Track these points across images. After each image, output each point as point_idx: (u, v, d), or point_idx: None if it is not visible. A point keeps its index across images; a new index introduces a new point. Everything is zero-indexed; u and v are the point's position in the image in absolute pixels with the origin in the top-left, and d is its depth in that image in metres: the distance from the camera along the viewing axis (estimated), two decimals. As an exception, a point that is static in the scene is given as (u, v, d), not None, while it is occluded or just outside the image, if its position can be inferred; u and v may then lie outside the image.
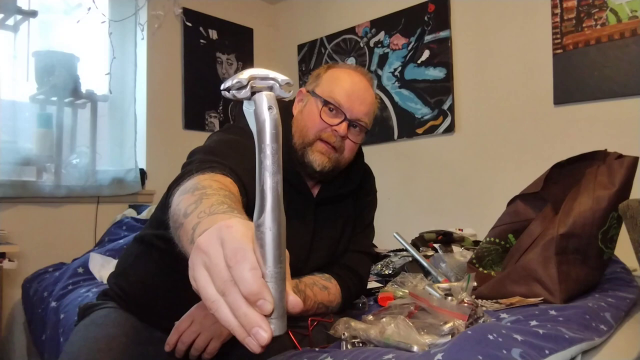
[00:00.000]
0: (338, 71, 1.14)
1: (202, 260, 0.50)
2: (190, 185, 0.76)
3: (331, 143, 1.08)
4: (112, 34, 2.50)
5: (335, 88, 1.10)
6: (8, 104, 2.20)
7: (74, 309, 1.57)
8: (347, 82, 1.11)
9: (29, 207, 2.21)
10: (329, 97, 1.09)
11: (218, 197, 0.71)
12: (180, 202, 0.71)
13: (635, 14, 1.86)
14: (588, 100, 1.98)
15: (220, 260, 0.48)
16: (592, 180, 1.17)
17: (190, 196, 0.71)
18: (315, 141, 1.08)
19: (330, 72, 1.15)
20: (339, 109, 1.08)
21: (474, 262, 1.35)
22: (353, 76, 1.12)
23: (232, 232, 0.50)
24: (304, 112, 1.12)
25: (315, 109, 1.09)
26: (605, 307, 1.03)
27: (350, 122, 1.09)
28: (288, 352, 0.92)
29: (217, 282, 0.48)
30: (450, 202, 2.40)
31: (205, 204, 0.67)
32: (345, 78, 1.11)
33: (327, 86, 1.11)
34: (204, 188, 0.74)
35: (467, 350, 0.73)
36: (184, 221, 0.66)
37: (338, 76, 1.12)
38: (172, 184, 0.88)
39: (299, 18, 3.12)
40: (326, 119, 1.08)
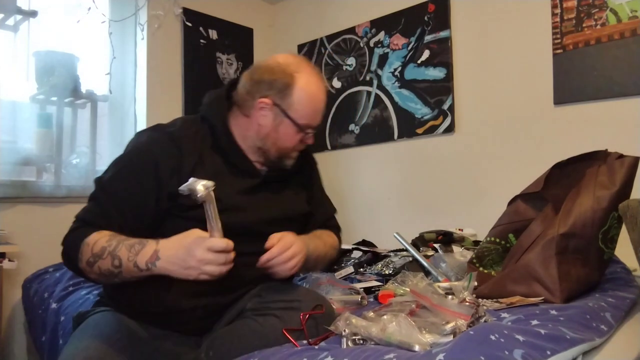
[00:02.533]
0: (309, 89, 1.20)
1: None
2: (97, 252, 1.02)
3: (301, 149, 1.27)
4: (112, 34, 2.50)
5: (310, 112, 1.21)
6: (8, 104, 2.20)
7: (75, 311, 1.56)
8: (317, 104, 1.23)
9: (29, 207, 2.21)
10: (304, 124, 1.21)
11: (122, 244, 1.01)
12: (102, 265, 1.01)
13: (635, 14, 1.86)
14: (588, 100, 1.98)
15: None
16: (592, 180, 1.17)
17: (108, 260, 1.00)
18: (290, 152, 1.25)
19: (299, 89, 1.18)
20: (311, 130, 1.24)
21: (475, 262, 1.35)
22: (319, 94, 1.23)
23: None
24: (280, 132, 1.20)
25: (292, 133, 1.21)
26: (606, 307, 1.03)
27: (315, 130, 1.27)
28: (287, 351, 0.92)
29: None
30: (450, 202, 2.40)
31: (124, 254, 1.00)
32: (315, 100, 1.22)
33: (301, 110, 1.19)
34: (108, 248, 1.02)
35: (469, 351, 0.73)
36: (122, 270, 1.00)
37: (309, 99, 1.20)
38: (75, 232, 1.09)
39: (299, 18, 3.12)
40: (302, 138, 1.24)
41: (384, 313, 1.00)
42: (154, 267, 0.98)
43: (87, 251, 1.02)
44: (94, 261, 1.01)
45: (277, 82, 1.18)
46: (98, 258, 1.01)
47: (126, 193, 1.11)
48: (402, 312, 0.99)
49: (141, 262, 0.98)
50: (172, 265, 0.97)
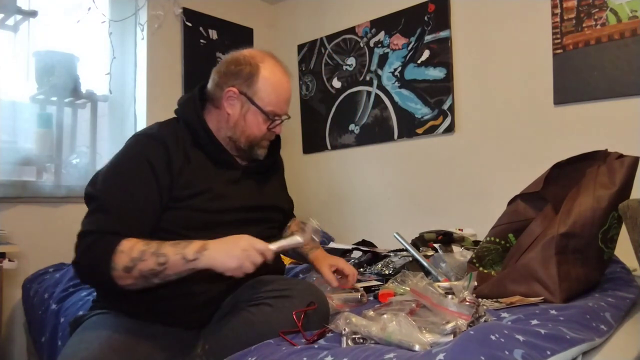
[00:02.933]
0: (272, 76, 1.28)
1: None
2: (136, 256, 1.03)
3: (271, 138, 1.33)
4: (112, 34, 2.50)
5: (275, 100, 1.27)
6: (8, 104, 2.20)
7: (75, 312, 1.57)
8: (282, 91, 1.29)
9: (29, 207, 2.21)
10: (270, 111, 1.27)
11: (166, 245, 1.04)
12: (144, 267, 1.02)
13: (635, 14, 1.86)
14: (588, 100, 1.98)
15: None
16: (592, 180, 1.17)
17: (151, 260, 1.02)
18: (261, 141, 1.30)
19: (264, 76, 1.27)
20: (278, 117, 1.30)
21: (475, 262, 1.35)
22: (284, 81, 1.30)
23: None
24: (248, 120, 1.27)
25: (260, 120, 1.27)
26: (606, 307, 1.03)
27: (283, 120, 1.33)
28: (286, 350, 0.92)
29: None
30: (450, 202, 2.40)
31: (170, 250, 1.03)
32: (279, 87, 1.28)
33: (266, 97, 1.26)
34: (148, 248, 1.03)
35: (469, 351, 0.73)
36: (167, 266, 1.02)
37: (276, 85, 1.27)
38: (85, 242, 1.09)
39: (299, 18, 3.12)
40: (270, 127, 1.29)
41: (384, 312, 1.00)
42: (201, 256, 1.02)
43: (122, 258, 1.02)
44: (133, 265, 1.02)
45: (242, 71, 1.26)
46: (138, 261, 1.02)
47: (133, 196, 1.12)
48: (402, 312, 0.99)
49: (190, 253, 1.02)
50: (218, 252, 1.02)
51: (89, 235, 1.08)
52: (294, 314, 1.01)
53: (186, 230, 1.13)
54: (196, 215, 1.16)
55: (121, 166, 1.18)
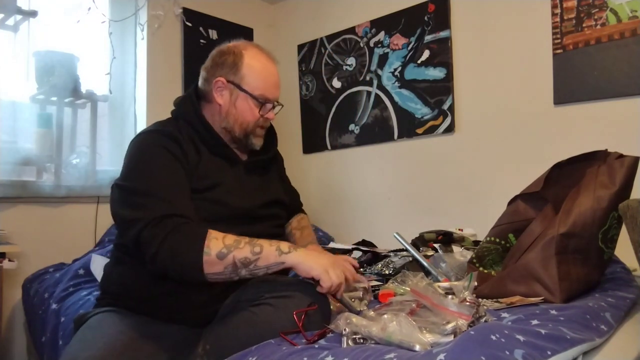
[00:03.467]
0: (257, 61, 1.30)
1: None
2: (230, 243, 1.05)
3: (265, 126, 1.34)
4: (112, 34, 2.50)
5: (262, 84, 1.29)
6: (8, 104, 2.20)
7: (75, 312, 1.57)
8: (268, 75, 1.30)
9: (29, 207, 2.21)
10: (259, 95, 1.28)
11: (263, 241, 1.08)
12: (238, 254, 1.04)
13: (635, 14, 1.86)
14: (588, 100, 1.98)
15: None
16: (592, 180, 1.17)
17: (246, 249, 1.05)
18: (255, 129, 1.31)
19: (249, 61, 1.29)
20: (269, 101, 1.31)
21: (475, 262, 1.35)
22: (269, 66, 1.31)
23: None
24: (238, 107, 1.29)
25: (251, 105, 1.28)
26: (606, 307, 1.03)
27: (274, 106, 1.34)
28: (287, 350, 0.92)
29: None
30: (450, 202, 2.40)
31: (265, 243, 1.07)
32: (265, 71, 1.30)
33: (253, 82, 1.28)
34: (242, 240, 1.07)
35: (470, 351, 0.73)
36: (260, 256, 1.05)
37: (261, 69, 1.30)
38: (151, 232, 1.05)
39: (299, 18, 3.12)
40: (262, 112, 1.30)
41: (384, 312, 1.00)
42: (294, 250, 1.06)
43: (216, 244, 1.03)
44: (228, 251, 1.03)
45: (227, 61, 1.30)
46: (233, 248, 1.04)
47: (171, 178, 1.13)
48: (403, 311, 0.99)
49: (285, 246, 1.06)
50: (307, 255, 1.07)
51: (163, 220, 1.04)
52: (295, 314, 1.01)
53: (205, 222, 1.13)
54: (214, 208, 1.19)
55: (145, 157, 1.17)
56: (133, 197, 1.10)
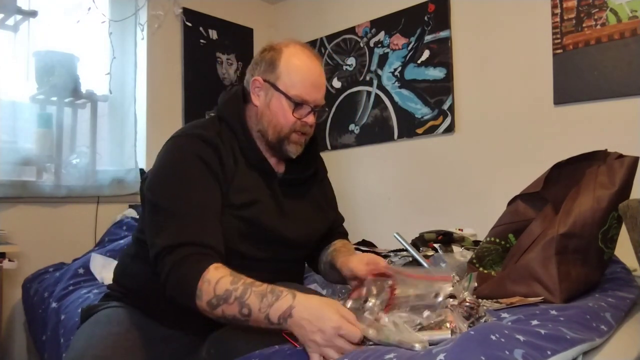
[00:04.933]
0: (295, 59, 1.17)
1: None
2: (221, 294, 0.93)
3: (304, 132, 1.19)
4: (112, 34, 2.50)
5: (298, 83, 1.15)
6: (8, 104, 2.20)
7: (75, 310, 1.57)
8: (308, 74, 1.16)
9: (29, 207, 2.21)
10: (295, 95, 1.14)
11: (255, 292, 0.92)
12: (228, 310, 0.93)
13: (635, 14, 1.86)
14: (588, 100, 1.98)
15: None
16: (592, 180, 1.17)
17: (235, 307, 0.92)
18: (290, 134, 1.17)
19: (287, 58, 1.16)
20: (305, 103, 1.16)
21: (474, 262, 1.35)
22: (310, 64, 1.17)
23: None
24: (272, 108, 1.16)
25: (285, 106, 1.15)
26: (606, 307, 1.03)
27: (315, 110, 1.19)
28: (288, 351, 0.92)
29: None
30: (450, 202, 2.40)
31: (255, 303, 0.91)
32: (304, 69, 1.16)
33: (289, 80, 1.15)
34: (237, 291, 0.93)
35: (469, 351, 0.73)
36: (250, 319, 0.92)
37: (297, 67, 1.16)
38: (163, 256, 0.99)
39: (299, 18, 3.12)
40: (297, 115, 1.16)
41: (365, 298, 1.00)
42: (285, 323, 0.90)
43: (208, 290, 0.93)
44: (218, 304, 0.93)
45: (265, 58, 1.18)
46: (223, 302, 0.92)
47: (201, 196, 1.05)
48: (381, 293, 0.98)
49: (274, 317, 0.90)
50: (301, 329, 0.88)
51: (173, 250, 0.98)
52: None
53: (237, 241, 1.08)
54: (247, 227, 1.10)
55: (177, 168, 1.08)
56: (156, 216, 1.05)
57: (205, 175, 1.07)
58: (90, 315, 1.14)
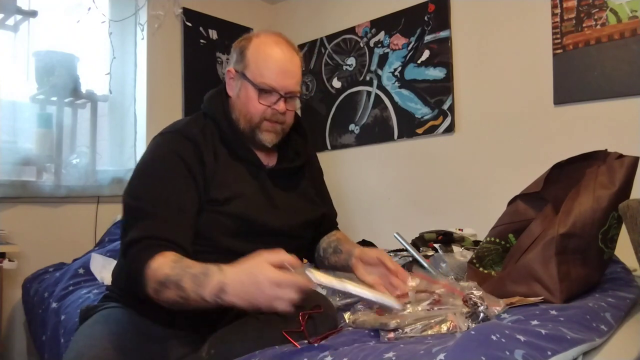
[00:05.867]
0: (263, 46, 1.18)
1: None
2: (161, 280, 0.94)
3: (275, 120, 1.18)
4: (112, 34, 2.50)
5: (265, 70, 1.15)
6: (8, 104, 2.20)
7: (75, 310, 1.57)
8: (274, 60, 1.16)
9: (29, 207, 2.21)
10: (260, 82, 1.15)
11: (188, 274, 0.92)
12: (169, 295, 0.93)
13: (635, 14, 1.86)
14: (588, 100, 1.98)
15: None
16: (592, 180, 1.17)
17: (173, 291, 0.93)
18: (261, 122, 1.17)
19: (254, 47, 1.18)
20: (273, 90, 1.16)
21: (474, 262, 1.35)
22: (277, 50, 1.17)
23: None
24: (241, 97, 1.18)
25: (252, 94, 1.16)
26: (606, 307, 1.03)
27: (285, 97, 1.17)
28: (288, 350, 0.92)
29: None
30: (450, 202, 2.40)
31: (189, 285, 0.91)
32: (271, 56, 1.16)
33: (256, 68, 1.16)
34: (173, 275, 0.93)
35: (470, 351, 0.73)
36: (189, 302, 0.92)
37: (264, 54, 1.16)
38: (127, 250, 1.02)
39: (299, 18, 3.12)
40: (264, 102, 1.16)
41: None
42: (222, 299, 0.89)
43: (151, 277, 0.95)
44: (160, 290, 0.94)
45: (237, 50, 1.21)
46: (163, 287, 0.93)
47: (169, 192, 1.07)
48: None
49: (208, 296, 0.90)
50: (241, 300, 0.88)
51: (130, 247, 1.01)
52: (300, 315, 1.01)
53: (223, 236, 1.09)
54: (233, 222, 1.11)
55: (150, 166, 1.12)
56: (125, 215, 1.09)
57: (179, 172, 1.09)
58: (89, 316, 1.15)
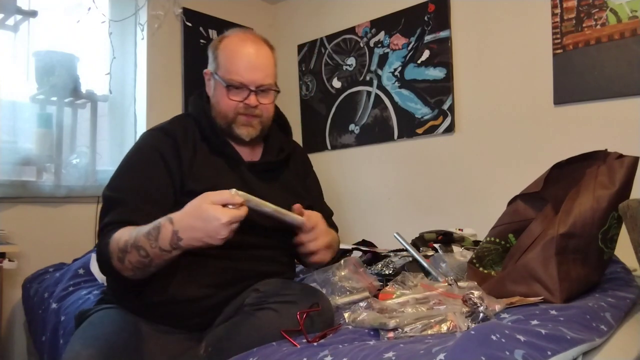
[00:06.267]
0: (230, 45, 1.24)
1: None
2: (122, 247, 1.02)
3: (249, 113, 1.23)
4: (112, 34, 2.50)
5: (232, 67, 1.21)
6: (8, 104, 2.20)
7: (75, 311, 1.57)
8: (241, 56, 1.22)
9: (29, 207, 2.21)
10: (229, 79, 1.21)
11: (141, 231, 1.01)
12: (132, 259, 1.01)
13: (635, 14, 1.86)
14: (588, 100, 1.98)
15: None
16: (592, 180, 1.17)
17: (134, 253, 1.00)
18: (235, 117, 1.23)
19: (223, 46, 1.25)
20: (242, 86, 1.21)
21: (474, 262, 1.35)
22: (244, 46, 1.23)
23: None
24: (216, 95, 1.25)
25: (223, 91, 1.22)
26: (606, 307, 1.03)
27: (256, 91, 1.22)
28: (287, 350, 0.92)
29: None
30: (450, 202, 2.40)
31: (145, 242, 0.99)
32: (237, 52, 1.22)
33: (225, 65, 1.22)
34: (130, 239, 1.01)
35: (470, 351, 0.73)
36: (150, 258, 1.00)
37: (231, 51, 1.23)
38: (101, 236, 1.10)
39: (299, 18, 3.12)
40: (234, 97, 1.21)
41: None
42: (178, 247, 0.98)
43: (114, 248, 1.03)
44: (123, 257, 1.01)
45: (210, 51, 1.28)
46: (124, 253, 1.01)
47: (142, 183, 1.14)
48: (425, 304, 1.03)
49: (166, 246, 0.98)
50: (195, 241, 0.97)
51: (100, 232, 1.10)
52: (298, 314, 1.01)
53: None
54: None
55: (129, 159, 1.20)
56: (103, 206, 1.16)
57: (155, 164, 1.16)
58: (84, 319, 1.15)
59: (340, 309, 1.23)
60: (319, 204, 1.42)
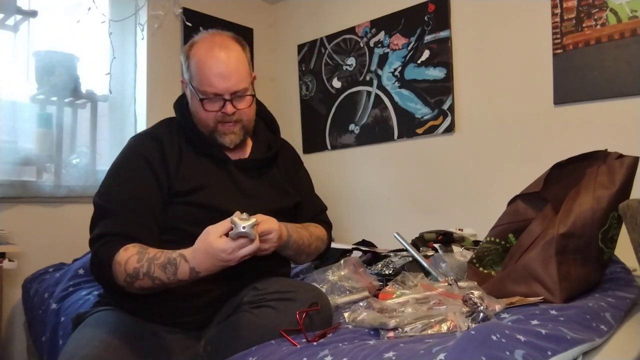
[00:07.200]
0: (199, 53, 1.20)
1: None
2: (131, 273, 1.03)
3: (228, 121, 1.21)
4: (112, 34, 2.50)
5: (203, 78, 1.18)
6: (8, 104, 2.20)
7: (75, 311, 1.57)
8: (209, 67, 1.17)
9: (29, 207, 2.21)
10: (202, 91, 1.18)
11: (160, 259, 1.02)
12: (143, 284, 1.03)
13: (635, 14, 1.86)
14: (588, 100, 1.98)
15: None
16: (592, 180, 1.17)
17: (147, 280, 1.02)
18: (216, 126, 1.21)
19: (192, 54, 1.22)
20: (215, 96, 1.18)
21: (474, 262, 1.35)
22: (212, 55, 1.18)
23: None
24: (193, 105, 1.24)
25: (198, 103, 1.20)
26: (606, 307, 1.03)
27: (231, 98, 1.19)
28: (287, 349, 0.92)
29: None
30: (450, 202, 2.40)
31: (162, 275, 1.01)
32: (206, 62, 1.18)
33: (196, 76, 1.19)
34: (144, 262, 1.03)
35: (470, 351, 0.73)
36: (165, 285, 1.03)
37: (200, 61, 1.18)
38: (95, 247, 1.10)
39: (299, 18, 3.12)
40: (211, 108, 1.19)
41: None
42: (198, 278, 1.02)
43: (120, 271, 1.03)
44: (132, 281, 1.03)
45: (183, 57, 1.25)
46: (135, 279, 1.02)
47: (132, 192, 1.14)
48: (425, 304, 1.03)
49: (184, 278, 1.01)
50: (215, 268, 1.01)
51: (95, 242, 1.10)
52: (297, 313, 1.01)
53: (191, 226, 1.13)
54: (200, 212, 1.16)
55: (117, 167, 1.20)
56: (93, 215, 1.15)
57: (141, 172, 1.16)
58: (81, 322, 1.16)
59: (340, 309, 1.23)
60: (310, 200, 1.43)
